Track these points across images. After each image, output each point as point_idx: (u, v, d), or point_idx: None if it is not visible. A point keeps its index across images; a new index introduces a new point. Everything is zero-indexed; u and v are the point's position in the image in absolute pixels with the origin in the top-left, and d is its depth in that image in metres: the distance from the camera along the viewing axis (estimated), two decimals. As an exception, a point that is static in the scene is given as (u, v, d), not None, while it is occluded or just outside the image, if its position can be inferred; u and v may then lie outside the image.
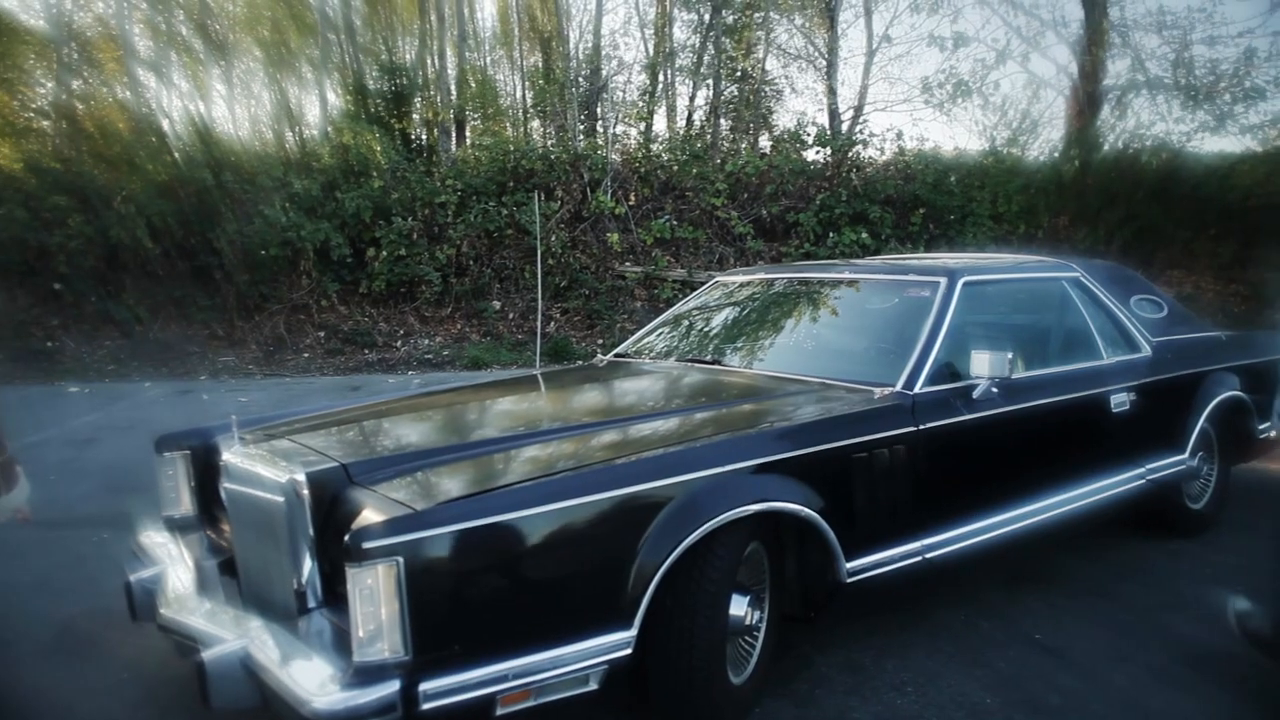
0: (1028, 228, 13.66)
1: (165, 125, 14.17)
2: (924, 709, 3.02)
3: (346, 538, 2.20)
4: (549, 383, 4.29)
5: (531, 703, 2.37)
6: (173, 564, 3.05)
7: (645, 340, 4.67)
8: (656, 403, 3.66)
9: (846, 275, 4.37)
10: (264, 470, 2.72)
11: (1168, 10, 20.80)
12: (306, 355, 11.59)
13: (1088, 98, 15.52)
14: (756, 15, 18.17)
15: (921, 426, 3.25)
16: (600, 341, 11.81)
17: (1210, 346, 4.79)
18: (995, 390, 3.48)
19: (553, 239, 12.91)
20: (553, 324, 12.59)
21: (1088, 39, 15.63)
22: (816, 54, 18.67)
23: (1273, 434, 4.80)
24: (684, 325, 4.70)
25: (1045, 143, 15.75)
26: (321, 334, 12.11)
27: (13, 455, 2.89)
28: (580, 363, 6.35)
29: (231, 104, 17.08)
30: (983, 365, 3.38)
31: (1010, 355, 3.36)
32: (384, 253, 12.37)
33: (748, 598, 2.85)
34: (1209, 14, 14.99)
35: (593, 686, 2.46)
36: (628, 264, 13.32)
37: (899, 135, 14.78)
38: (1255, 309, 12.12)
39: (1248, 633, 3.28)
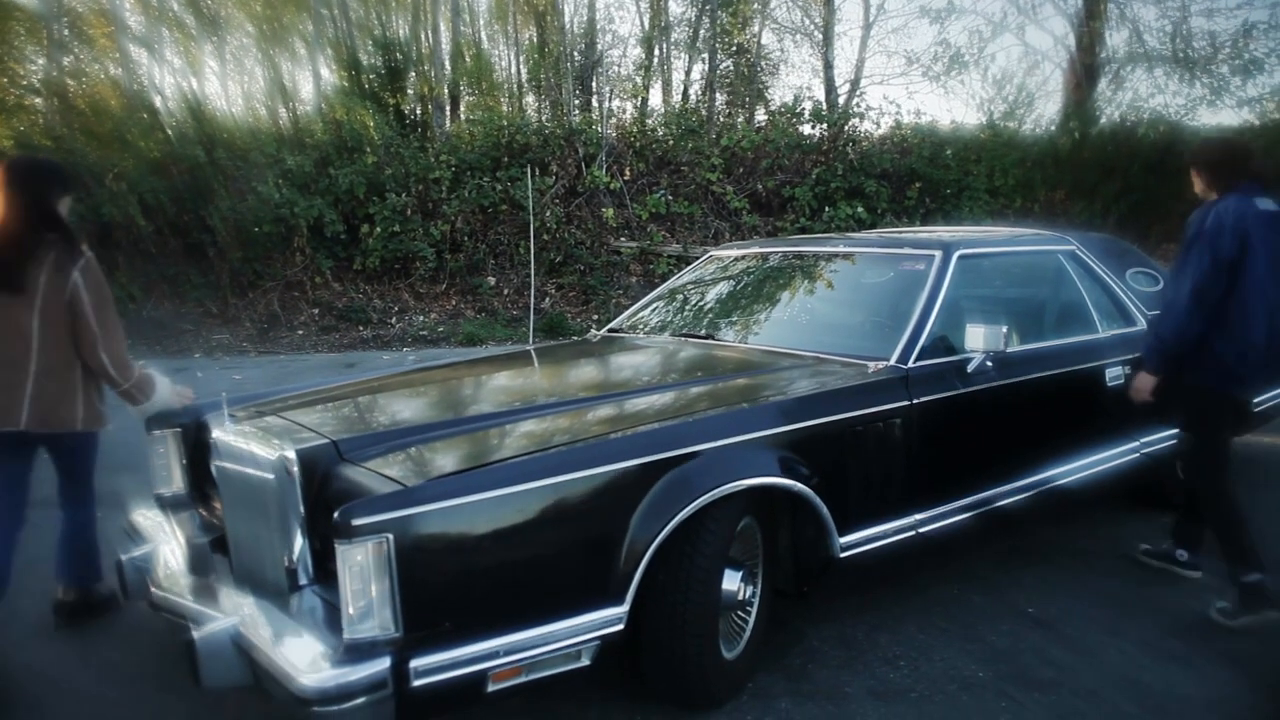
0: (1024, 201, 13.64)
1: (157, 102, 14.11)
2: (916, 683, 3.02)
3: (336, 514, 2.19)
4: (542, 358, 4.27)
5: (523, 679, 2.36)
6: (164, 542, 3.05)
7: (639, 315, 4.65)
8: (649, 378, 3.64)
9: (841, 249, 4.34)
10: (254, 447, 2.70)
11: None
12: (301, 332, 11.55)
13: (1085, 70, 15.45)
14: (753, -13, 18.07)
15: (915, 400, 3.24)
16: (595, 317, 11.78)
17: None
18: (990, 364, 3.47)
19: (547, 214, 12.85)
20: (548, 300, 12.56)
21: (1085, 10, 15.53)
22: (813, 27, 18.57)
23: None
24: (678, 300, 4.68)
25: (1042, 116, 15.70)
26: (316, 311, 12.07)
27: (143, 368, 3.36)
28: (574, 338, 6.33)
29: (224, 80, 17.01)
30: (977, 339, 3.37)
31: (1005, 329, 3.34)
32: (378, 229, 12.32)
33: (740, 573, 2.85)
34: (1205, -15, 14.88)
35: (585, 662, 2.46)
36: (623, 239, 13.27)
37: (896, 109, 14.74)
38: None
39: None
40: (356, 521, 2.14)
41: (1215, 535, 3.60)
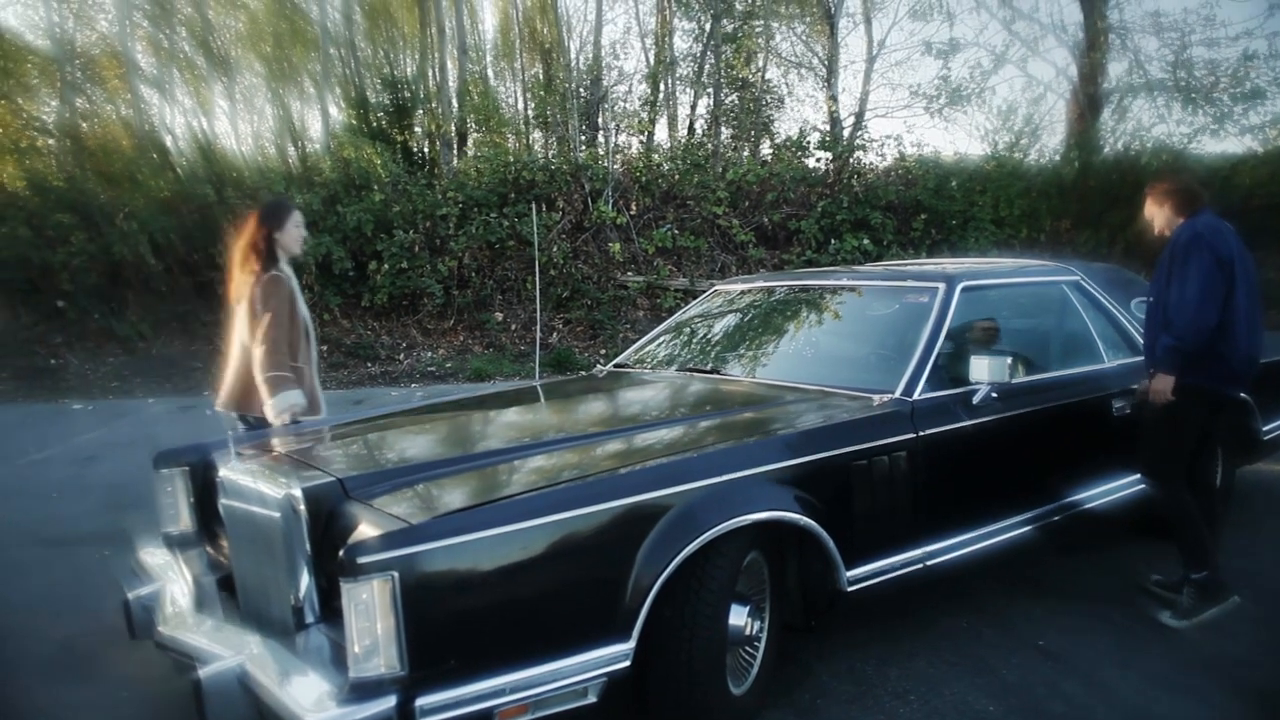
0: (1030, 232, 13.64)
1: (167, 141, 14.27)
2: (927, 718, 3.00)
3: (341, 553, 2.19)
4: (548, 394, 4.28)
5: (529, 716, 2.35)
6: (171, 581, 3.05)
7: (645, 350, 4.66)
8: (655, 413, 3.65)
9: (845, 282, 4.36)
10: (261, 486, 2.71)
11: (1165, 12, 20.80)
12: (310, 369, 11.58)
13: (1088, 100, 15.53)
14: (756, 24, 18.22)
15: (921, 433, 3.24)
16: (603, 351, 11.80)
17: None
18: (995, 396, 3.47)
19: (554, 249, 12.91)
20: (555, 335, 12.59)
21: (1087, 42, 15.63)
22: (817, 61, 18.71)
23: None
24: (683, 335, 4.70)
25: (1046, 146, 15.76)
26: (324, 348, 12.11)
27: (285, 376, 3.83)
28: (580, 374, 6.34)
29: (234, 119, 17.17)
30: (982, 370, 3.38)
31: (1010, 360, 3.35)
32: (386, 266, 12.38)
33: (747, 608, 2.83)
34: (1207, 16, 14.98)
35: (591, 699, 2.45)
36: (629, 274, 13.32)
37: (899, 140, 14.80)
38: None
39: None
40: (362, 560, 2.15)
41: (1175, 533, 3.79)
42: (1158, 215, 3.89)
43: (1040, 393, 3.77)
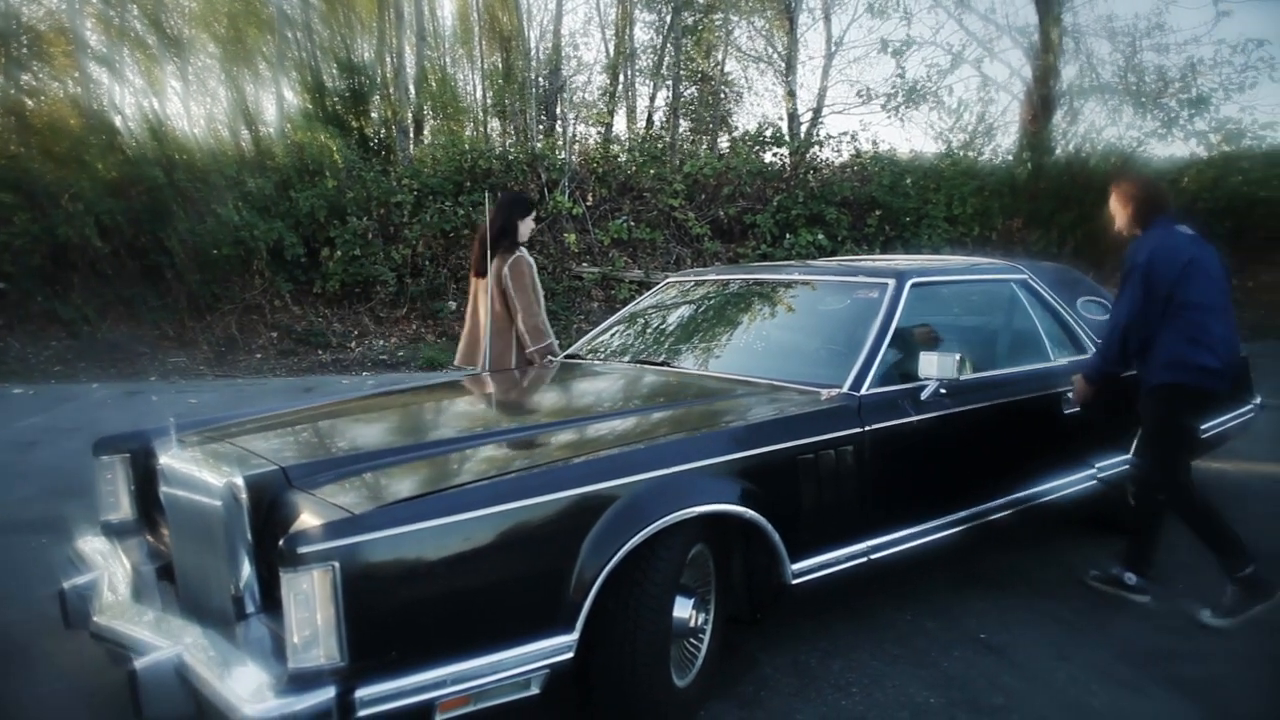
0: (982, 230, 13.81)
1: (116, 122, 13.94)
2: (868, 710, 3.03)
3: (281, 542, 2.17)
4: (498, 384, 4.26)
5: (471, 708, 2.34)
6: (109, 570, 2.99)
7: (596, 341, 4.66)
8: (604, 404, 3.64)
9: (797, 277, 4.38)
10: (203, 473, 2.67)
11: (1117, 16, 21.09)
12: (259, 356, 11.44)
13: (1041, 102, 15.71)
14: (716, 17, 18.23)
15: (868, 427, 3.26)
16: (557, 342, 11.75)
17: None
18: (943, 392, 3.51)
19: (510, 239, 12.81)
20: (510, 324, 12.51)
21: (1041, 44, 15.82)
22: (776, 56, 18.77)
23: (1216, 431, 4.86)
24: (635, 326, 4.70)
25: (999, 146, 15.93)
26: (274, 334, 11.97)
27: (552, 343, 4.95)
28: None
29: (186, 101, 16.83)
30: (931, 366, 3.41)
31: (958, 356, 3.38)
32: (338, 252, 12.25)
33: (692, 600, 2.85)
34: (1155, 23, 15.19)
35: (534, 691, 2.44)
36: (585, 264, 13.29)
37: (854, 137, 14.89)
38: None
39: None
40: (302, 549, 2.12)
41: (1203, 542, 3.77)
42: (1119, 215, 3.95)
43: (986, 389, 3.80)
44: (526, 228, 5.02)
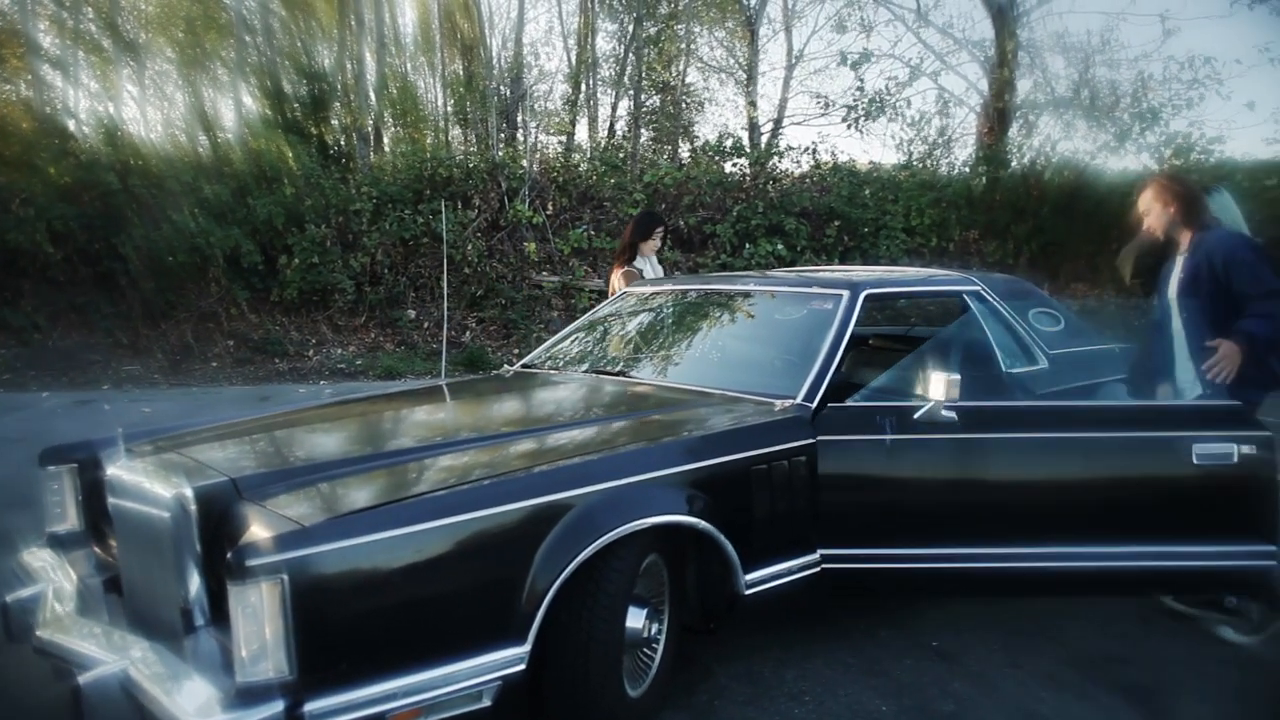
0: (939, 241, 13.95)
1: (70, 126, 13.74)
2: (821, 718, 3.05)
3: (229, 555, 2.15)
4: (453, 394, 4.25)
5: (422, 720, 2.34)
6: (54, 582, 2.94)
7: (553, 351, 4.65)
8: (558, 415, 3.64)
9: (752, 287, 4.40)
10: (151, 485, 2.64)
11: (1071, 32, 21.49)
12: (215, 364, 11.30)
13: (997, 115, 15.94)
14: (679, 27, 18.32)
15: (819, 438, 3.28)
16: (516, 351, 11.73)
17: (1105, 358, 4.92)
18: (954, 417, 3.37)
19: (469, 248, 12.80)
20: (469, 333, 12.49)
21: (997, 58, 16.06)
22: (737, 67, 18.89)
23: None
24: (592, 336, 4.70)
25: (956, 159, 16.12)
26: (231, 343, 11.83)
27: None
28: (488, 373, 6.31)
29: (142, 105, 16.66)
30: (939, 389, 3.30)
31: (956, 377, 3.28)
32: (296, 260, 12.12)
33: (646, 610, 2.85)
34: (1106, 39, 15.51)
35: (486, 703, 2.44)
36: (545, 273, 13.27)
37: (814, 150, 15.01)
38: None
39: None
40: (250, 562, 2.11)
41: None
42: (1157, 213, 3.70)
43: (1011, 421, 3.66)
44: (651, 246, 5.87)
